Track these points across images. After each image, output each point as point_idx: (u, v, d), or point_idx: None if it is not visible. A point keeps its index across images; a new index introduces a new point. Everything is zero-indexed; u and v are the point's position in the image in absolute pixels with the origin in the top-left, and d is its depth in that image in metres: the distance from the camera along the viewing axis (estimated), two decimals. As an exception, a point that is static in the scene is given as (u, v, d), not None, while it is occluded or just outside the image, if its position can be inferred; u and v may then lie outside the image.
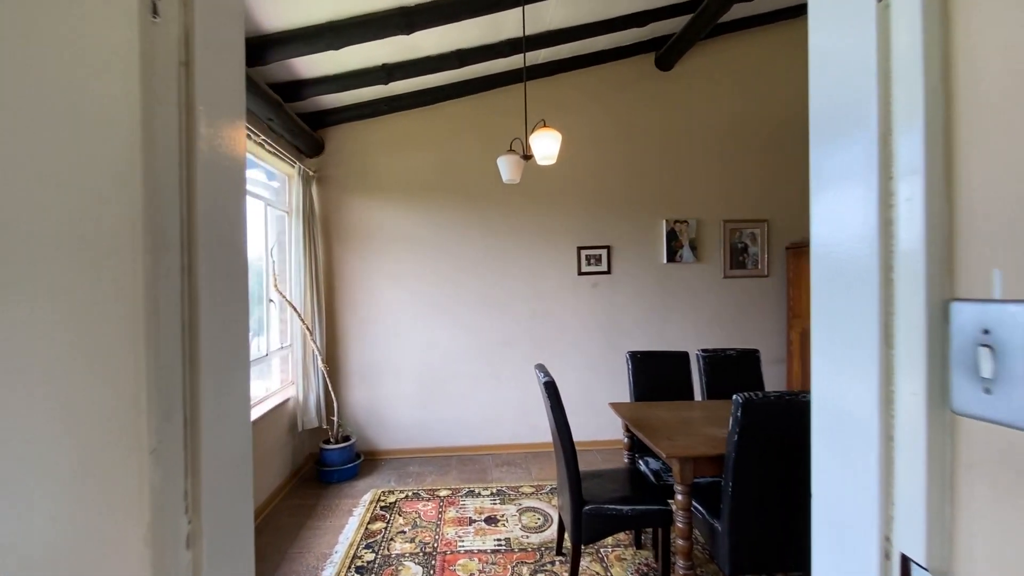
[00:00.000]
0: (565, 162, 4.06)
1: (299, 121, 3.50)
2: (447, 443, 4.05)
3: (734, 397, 1.87)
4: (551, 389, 2.20)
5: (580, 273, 4.10)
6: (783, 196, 4.24)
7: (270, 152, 3.35)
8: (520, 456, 4.00)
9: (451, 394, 4.05)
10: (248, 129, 3.10)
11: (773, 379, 4.24)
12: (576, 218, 4.09)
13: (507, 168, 2.55)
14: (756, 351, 3.02)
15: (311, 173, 3.82)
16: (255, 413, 3.13)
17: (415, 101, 3.89)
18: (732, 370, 2.98)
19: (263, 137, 3.19)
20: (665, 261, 4.15)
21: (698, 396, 3.08)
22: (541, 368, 2.38)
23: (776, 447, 1.85)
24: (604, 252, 4.11)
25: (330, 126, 3.92)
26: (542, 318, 4.08)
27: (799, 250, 4.10)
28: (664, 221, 4.14)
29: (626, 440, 2.76)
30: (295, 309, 3.47)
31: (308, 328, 3.51)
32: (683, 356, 3.02)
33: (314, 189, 3.88)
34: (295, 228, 3.58)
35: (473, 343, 4.05)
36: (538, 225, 4.06)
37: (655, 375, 2.94)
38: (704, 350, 3.01)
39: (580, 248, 4.09)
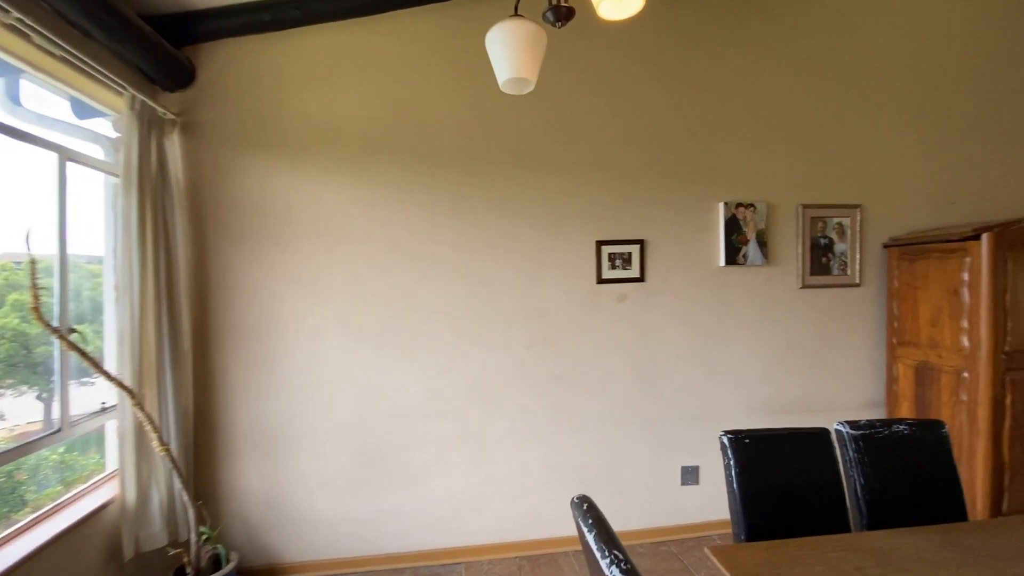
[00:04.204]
0: (583, 114, 2.68)
1: (146, 28, 2.01)
2: (398, 548, 2.58)
3: None
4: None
5: (601, 280, 2.72)
6: (882, 172, 2.99)
7: (88, 74, 1.87)
8: (513, 564, 2.58)
9: (404, 471, 2.58)
10: (29, 28, 1.61)
11: (868, 431, 2.96)
12: (596, 199, 2.71)
13: (513, 51, 1.14)
14: (941, 424, 1.71)
15: (167, 115, 2.29)
16: (26, 545, 1.62)
17: (346, 6, 2.43)
18: (907, 458, 1.66)
19: (67, 47, 1.72)
20: (723, 263, 2.82)
21: (853, 511, 1.73)
22: (582, 507, 0.98)
23: None
24: (635, 249, 2.75)
25: (204, 42, 2.41)
26: (543, 349, 2.68)
27: (907, 249, 2.85)
28: (722, 205, 2.81)
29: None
30: (81, 353, 1.94)
31: (127, 389, 1.98)
32: (822, 437, 1.67)
33: (173, 142, 2.35)
34: (127, 203, 2.05)
35: (438, 391, 2.60)
36: (540, 208, 2.66)
37: (776, 471, 1.59)
38: (853, 425, 1.68)
39: (601, 243, 2.71)
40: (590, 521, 0.97)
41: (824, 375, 2.96)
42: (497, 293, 2.62)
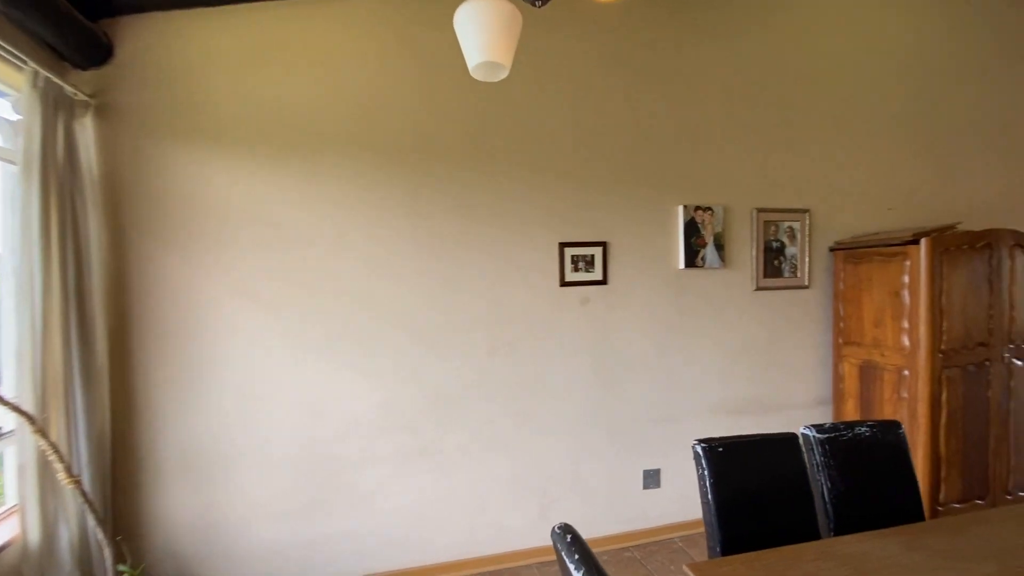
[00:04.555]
0: (544, 113, 2.60)
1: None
2: (353, 570, 2.40)
3: None
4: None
5: (564, 283, 2.65)
6: (828, 179, 3.10)
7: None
8: (474, 582, 2.46)
9: (359, 489, 2.40)
10: None
11: (817, 428, 3.07)
12: (558, 200, 2.63)
13: (486, 33, 1.03)
14: (898, 425, 1.75)
15: (78, 96, 2.01)
16: None
17: (290, -16, 2.23)
18: (869, 460, 1.69)
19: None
20: (683, 266, 2.83)
21: (820, 514, 1.73)
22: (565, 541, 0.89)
23: None
24: (598, 252, 2.70)
25: (125, 14, 2.13)
26: (506, 355, 2.57)
27: (851, 252, 2.98)
28: (681, 208, 2.81)
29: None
30: None
31: (26, 415, 1.70)
32: (790, 442, 1.66)
33: (85, 126, 2.06)
34: (27, 194, 1.76)
35: (395, 402, 2.44)
36: (501, 209, 2.55)
37: (749, 479, 1.56)
38: (818, 429, 1.69)
39: (564, 245, 2.64)
40: (577, 557, 0.87)
41: (776, 374, 3.04)
42: (458, 298, 2.49)
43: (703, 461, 1.54)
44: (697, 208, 2.84)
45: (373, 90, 2.37)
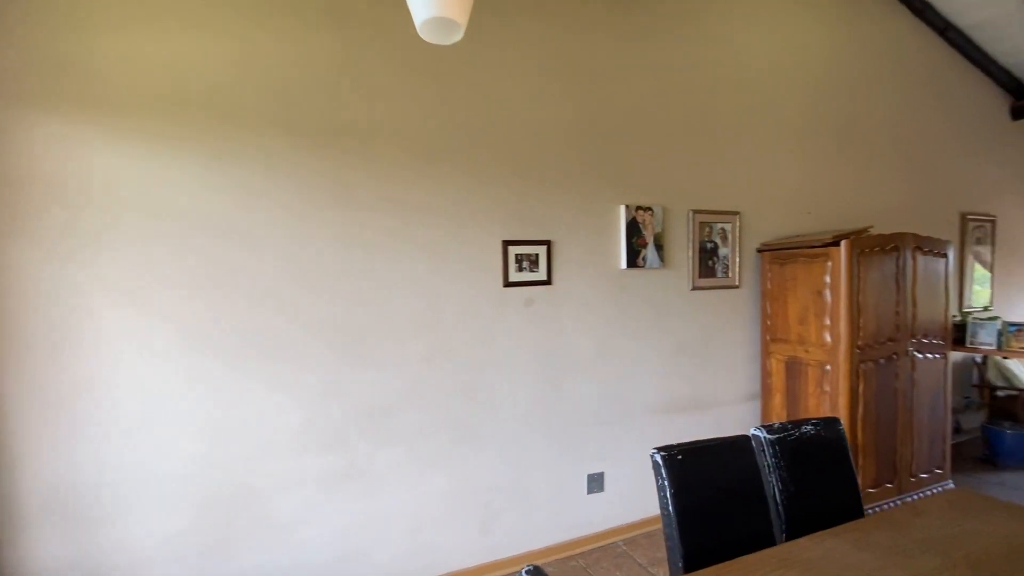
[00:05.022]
0: (488, 102, 2.45)
1: None
2: (267, 612, 2.10)
3: None
4: None
5: (508, 284, 2.51)
6: (756, 182, 3.22)
7: None
8: (411, 610, 2.25)
9: (276, 518, 2.10)
10: None
11: (744, 423, 3.19)
12: (502, 196, 2.49)
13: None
14: (837, 421, 1.79)
15: None
16: None
17: (190, -66, 1.90)
18: (815, 458, 1.70)
19: None
20: (624, 266, 2.80)
21: (774, 516, 1.72)
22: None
23: None
24: (542, 251, 2.59)
25: (-37, -52, 1.70)
26: (444, 362, 2.39)
27: (777, 253, 3.11)
28: (623, 207, 2.78)
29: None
30: None
31: None
32: (744, 444, 1.64)
33: (-94, 85, 1.61)
34: None
35: (318, 419, 2.17)
36: (441, 203, 2.37)
37: (707, 486, 1.51)
38: (768, 430, 1.68)
39: (508, 243, 2.50)
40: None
41: (710, 372, 3.11)
42: (391, 301, 2.27)
43: (663, 471, 1.46)
44: (638, 208, 2.82)
45: (293, 64, 2.09)
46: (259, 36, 2.04)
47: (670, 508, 1.44)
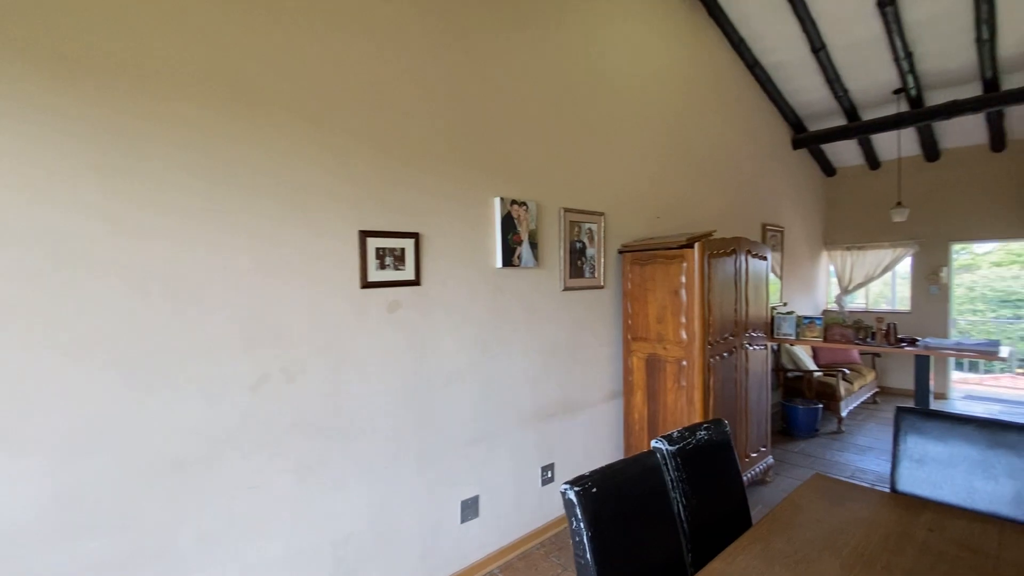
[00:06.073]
0: (346, 59, 1.96)
1: None
2: None
3: None
4: None
5: (367, 284, 2.05)
6: (617, 185, 3.27)
7: None
8: None
9: (-7, 654, 1.34)
10: None
11: (609, 422, 3.22)
12: (360, 176, 2.02)
13: None
14: (724, 423, 1.78)
15: None
16: None
17: None
18: (710, 464, 1.65)
19: None
20: (500, 265, 2.55)
21: (681, 535, 1.59)
22: None
23: None
24: (410, 245, 2.19)
25: None
26: (281, 387, 1.84)
27: (637, 255, 3.19)
28: (499, 200, 2.53)
29: None
30: None
31: None
32: (650, 460, 1.49)
33: None
34: None
35: (74, 487, 1.45)
36: (275, 180, 1.81)
37: (621, 518, 1.31)
38: (668, 440, 1.58)
39: (367, 234, 2.04)
40: None
41: (579, 374, 3.05)
42: (198, 306, 1.65)
43: (577, 510, 1.22)
44: (513, 202, 2.60)
45: (26, -51, 1.36)
46: None
47: (588, 555, 1.20)
